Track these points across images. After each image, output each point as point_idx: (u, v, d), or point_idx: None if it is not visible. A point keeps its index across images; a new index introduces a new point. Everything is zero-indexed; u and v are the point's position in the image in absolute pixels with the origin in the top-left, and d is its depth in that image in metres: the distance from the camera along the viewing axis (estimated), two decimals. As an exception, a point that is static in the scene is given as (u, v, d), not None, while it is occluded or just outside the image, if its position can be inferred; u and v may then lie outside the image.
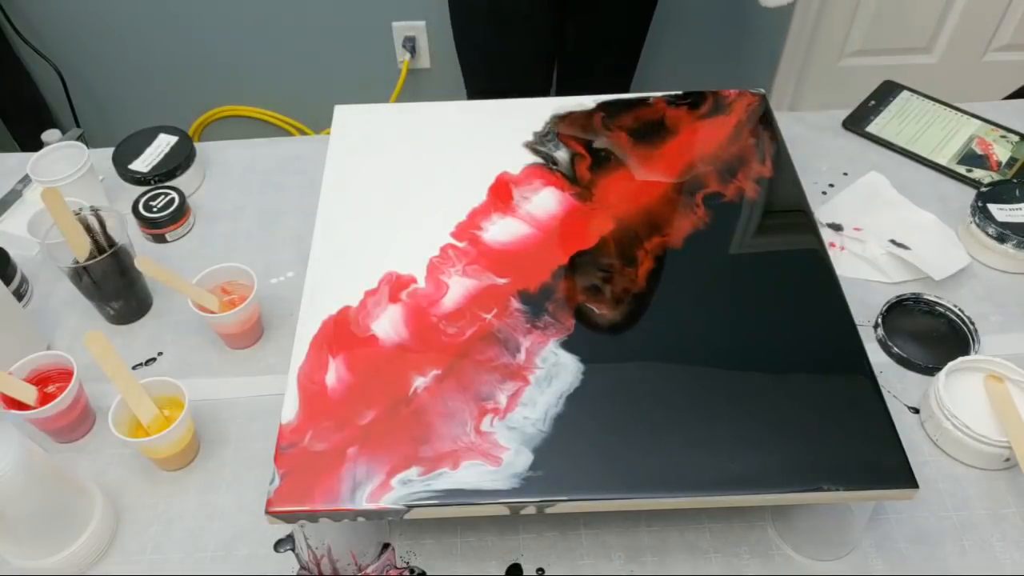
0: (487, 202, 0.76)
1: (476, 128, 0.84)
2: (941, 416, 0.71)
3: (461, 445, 0.59)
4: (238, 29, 1.87)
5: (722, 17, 1.86)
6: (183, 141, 0.98)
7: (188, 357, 0.81)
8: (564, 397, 0.62)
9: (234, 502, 0.70)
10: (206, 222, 0.95)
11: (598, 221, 0.74)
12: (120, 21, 1.85)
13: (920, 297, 0.83)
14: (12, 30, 1.80)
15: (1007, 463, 0.70)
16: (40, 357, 0.73)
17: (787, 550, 0.66)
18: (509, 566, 0.66)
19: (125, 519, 0.70)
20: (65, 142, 0.93)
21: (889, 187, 0.93)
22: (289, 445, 0.59)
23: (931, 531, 0.67)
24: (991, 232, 0.85)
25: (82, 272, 0.78)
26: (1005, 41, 1.89)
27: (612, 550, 0.67)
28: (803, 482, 0.57)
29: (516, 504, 0.57)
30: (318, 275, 0.71)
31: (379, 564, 0.66)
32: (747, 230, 0.74)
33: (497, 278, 0.70)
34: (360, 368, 0.64)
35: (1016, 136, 0.99)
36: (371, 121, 0.85)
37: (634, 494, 0.57)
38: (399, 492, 0.57)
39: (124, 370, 0.68)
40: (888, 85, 1.08)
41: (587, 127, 0.83)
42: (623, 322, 0.67)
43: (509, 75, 1.21)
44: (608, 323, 0.67)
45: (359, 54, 1.94)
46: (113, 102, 2.03)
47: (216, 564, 0.67)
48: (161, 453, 0.69)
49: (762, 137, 0.82)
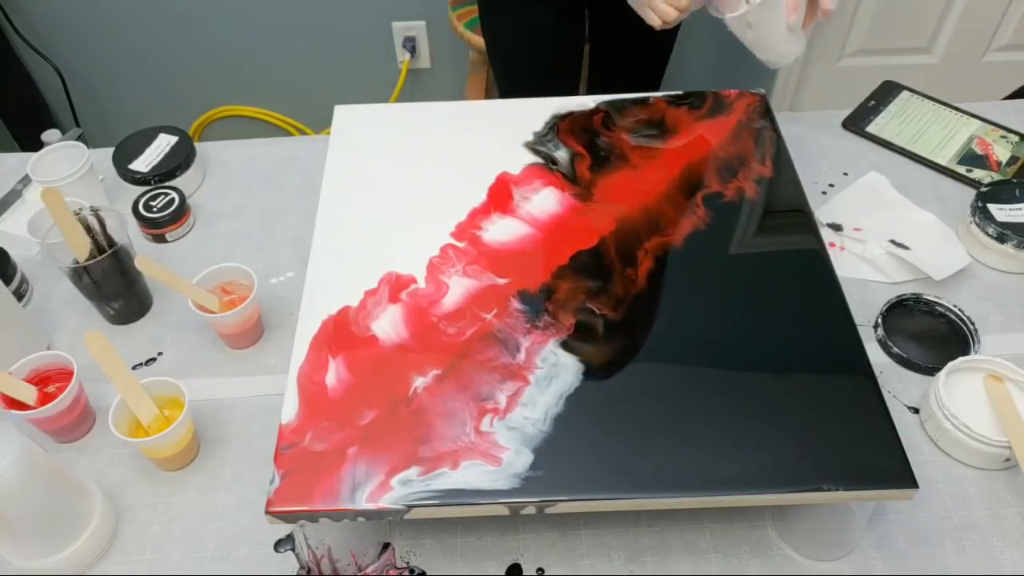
0: (487, 202, 0.76)
1: (476, 128, 0.84)
2: (941, 416, 0.71)
3: (461, 445, 0.59)
4: (238, 29, 1.88)
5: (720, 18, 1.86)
6: (183, 141, 0.98)
7: (188, 357, 0.81)
8: (564, 397, 0.62)
9: (234, 502, 0.70)
10: (206, 222, 0.95)
11: (598, 221, 0.74)
12: (120, 21, 1.85)
13: (920, 297, 0.83)
14: (12, 30, 1.80)
15: (1007, 463, 0.70)
16: (40, 357, 0.73)
17: (787, 550, 0.66)
18: (509, 566, 0.66)
19: (125, 519, 0.70)
20: (65, 142, 0.93)
21: (889, 187, 0.93)
22: (289, 445, 0.59)
23: (931, 531, 0.67)
24: (991, 232, 0.85)
25: (82, 272, 0.78)
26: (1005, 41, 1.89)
27: (612, 550, 0.67)
28: (803, 482, 0.57)
29: (516, 504, 0.57)
30: (318, 275, 0.71)
31: (379, 564, 0.66)
32: (747, 230, 0.74)
33: (497, 278, 0.70)
34: (360, 368, 0.64)
35: (1016, 136, 0.99)
36: (371, 121, 0.85)
37: (634, 494, 0.57)
38: (399, 492, 0.57)
39: (124, 370, 0.68)
40: (888, 85, 1.08)
41: (587, 127, 0.83)
42: (623, 322, 0.67)
43: (538, 81, 1.24)
44: (608, 323, 0.66)
45: (359, 54, 1.94)
46: (113, 102, 2.03)
47: (216, 564, 0.67)
48: (161, 453, 0.69)
49: (762, 137, 0.82)
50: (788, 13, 0.78)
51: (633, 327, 0.66)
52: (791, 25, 0.79)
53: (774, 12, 0.78)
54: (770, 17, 0.79)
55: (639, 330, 0.66)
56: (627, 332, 0.66)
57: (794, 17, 0.77)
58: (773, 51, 0.83)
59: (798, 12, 0.77)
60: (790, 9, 0.77)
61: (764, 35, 0.81)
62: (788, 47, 0.82)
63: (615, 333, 0.66)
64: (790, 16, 0.77)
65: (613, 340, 0.66)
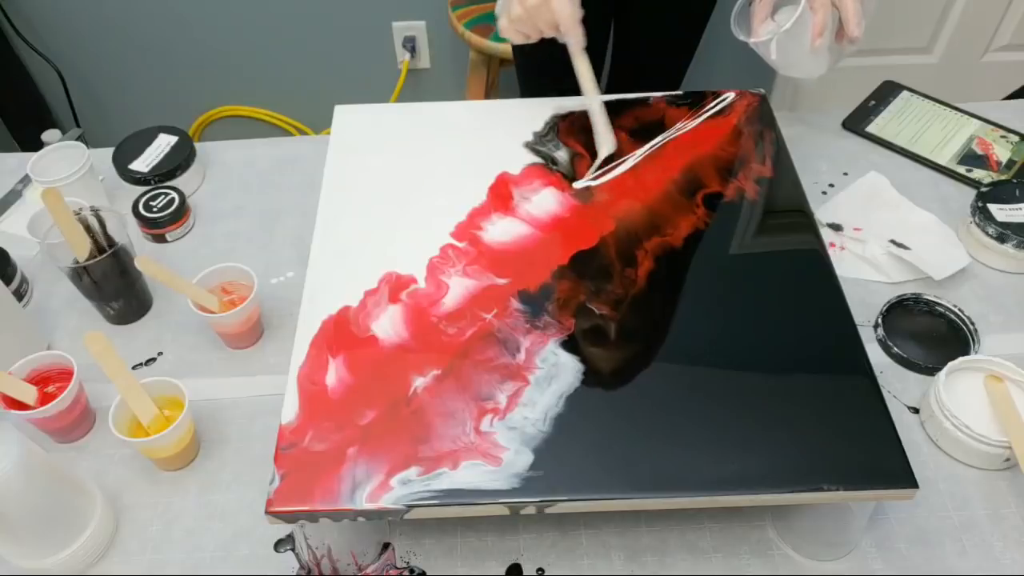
0: (487, 202, 0.76)
1: (476, 128, 0.84)
2: (941, 416, 0.71)
3: (461, 445, 0.59)
4: (238, 29, 1.88)
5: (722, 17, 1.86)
6: (183, 141, 0.98)
7: (188, 357, 0.81)
8: (564, 397, 0.62)
9: (234, 502, 0.70)
10: (206, 222, 0.95)
11: (598, 221, 0.74)
12: (120, 21, 1.85)
13: (920, 297, 0.83)
14: (12, 30, 1.80)
15: (1007, 463, 0.70)
16: (40, 357, 0.73)
17: (787, 550, 0.66)
18: (509, 566, 0.66)
19: (125, 519, 0.70)
20: (65, 142, 0.93)
21: (889, 187, 0.93)
22: (289, 446, 0.59)
23: (931, 531, 0.67)
24: (991, 232, 0.85)
25: (82, 272, 0.78)
26: (1005, 41, 1.89)
27: (612, 550, 0.67)
28: (803, 482, 0.57)
29: (516, 504, 0.57)
30: (318, 275, 0.71)
31: (379, 564, 0.66)
32: (747, 230, 0.74)
33: (497, 278, 0.70)
34: (360, 368, 0.64)
35: (1016, 136, 0.99)
36: (371, 121, 0.85)
37: (634, 494, 0.57)
38: (399, 492, 0.57)
39: (124, 370, 0.68)
40: (888, 85, 1.08)
41: (587, 127, 0.83)
42: (623, 322, 0.67)
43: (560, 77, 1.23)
44: (608, 323, 0.66)
45: (359, 54, 1.94)
46: (113, 102, 2.03)
47: (216, 564, 0.67)
48: (161, 453, 0.69)
49: (762, 137, 0.82)
50: (814, 37, 0.77)
51: (633, 327, 0.66)
52: (817, 48, 0.79)
53: (801, 37, 0.78)
54: (796, 42, 0.78)
55: (639, 330, 0.66)
56: (627, 332, 0.66)
57: (819, 41, 0.76)
58: (797, 70, 0.82)
59: (824, 36, 0.77)
60: (816, 33, 0.77)
61: (789, 58, 0.80)
62: (813, 66, 0.82)
63: (615, 333, 0.66)
64: (816, 40, 0.77)
65: (613, 340, 0.66)
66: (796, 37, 0.78)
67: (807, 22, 0.76)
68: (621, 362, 0.64)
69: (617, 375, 0.63)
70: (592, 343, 0.65)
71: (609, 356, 0.65)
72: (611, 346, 0.65)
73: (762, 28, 0.80)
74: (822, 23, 0.75)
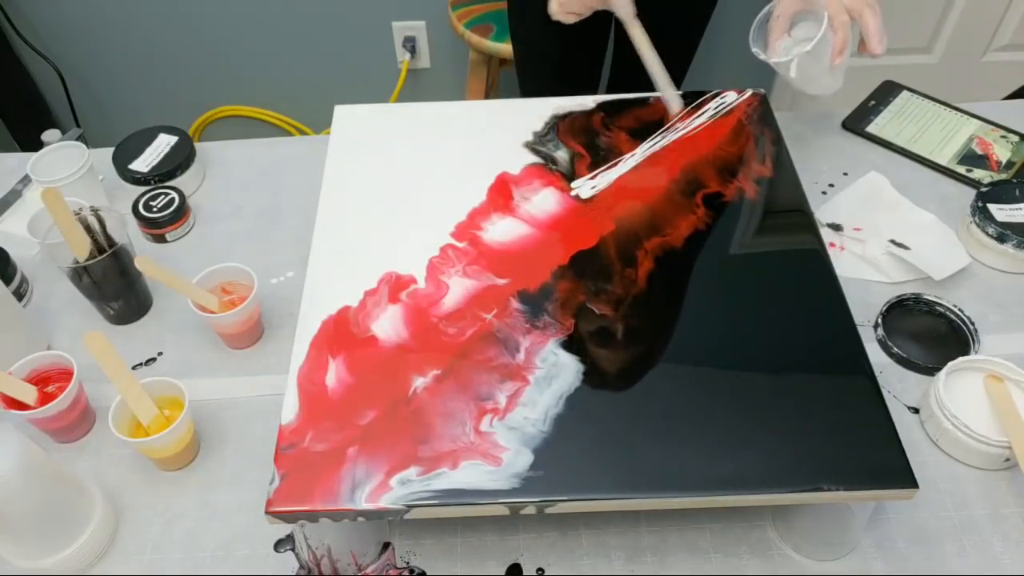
0: (487, 202, 0.76)
1: (476, 128, 0.84)
2: (941, 416, 0.71)
3: (461, 445, 0.59)
4: (238, 29, 1.88)
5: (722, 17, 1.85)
6: (183, 141, 0.98)
7: (188, 357, 0.81)
8: (564, 397, 0.62)
9: (234, 502, 0.70)
10: (206, 222, 0.95)
11: (598, 221, 0.74)
12: (120, 21, 1.85)
13: (920, 297, 0.83)
14: (12, 30, 1.81)
15: (1007, 463, 0.70)
16: (40, 357, 0.73)
17: (787, 550, 0.66)
18: (509, 566, 0.66)
19: (125, 519, 0.70)
20: (65, 142, 0.93)
21: (889, 187, 0.93)
22: (289, 446, 0.59)
23: (931, 531, 0.67)
24: (991, 232, 0.85)
25: (82, 272, 0.78)
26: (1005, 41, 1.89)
27: (612, 550, 0.67)
28: (803, 482, 0.57)
29: (516, 504, 0.57)
30: (318, 275, 0.71)
31: (379, 564, 0.66)
32: (747, 230, 0.74)
33: (497, 278, 0.70)
34: (360, 368, 0.64)
35: (1016, 136, 0.99)
36: (371, 121, 0.85)
37: (634, 494, 0.57)
38: (398, 492, 0.57)
39: (124, 370, 0.68)
40: (888, 85, 1.08)
41: (587, 127, 0.83)
42: (623, 322, 0.67)
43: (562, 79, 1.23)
44: (608, 323, 0.66)
45: (359, 54, 1.94)
46: (113, 102, 2.03)
47: (216, 564, 0.67)
48: (161, 453, 0.69)
49: (762, 137, 0.82)
50: (834, 56, 0.77)
51: (633, 327, 0.66)
52: (836, 67, 0.79)
53: (821, 56, 0.78)
54: (816, 60, 0.78)
55: (639, 330, 0.66)
56: (627, 332, 0.66)
57: (839, 60, 0.76)
58: (815, 87, 0.83)
59: (844, 55, 0.76)
60: (836, 52, 0.76)
61: (807, 75, 0.80)
62: (830, 82, 0.82)
63: (615, 333, 0.66)
64: (835, 59, 0.77)
65: (613, 340, 0.66)
66: (816, 55, 0.78)
67: (827, 40, 0.76)
68: (622, 362, 0.64)
69: (617, 375, 0.63)
70: (592, 343, 0.65)
71: (609, 356, 0.65)
72: (611, 346, 0.65)
73: (779, 44, 0.80)
74: (843, 43, 0.75)
